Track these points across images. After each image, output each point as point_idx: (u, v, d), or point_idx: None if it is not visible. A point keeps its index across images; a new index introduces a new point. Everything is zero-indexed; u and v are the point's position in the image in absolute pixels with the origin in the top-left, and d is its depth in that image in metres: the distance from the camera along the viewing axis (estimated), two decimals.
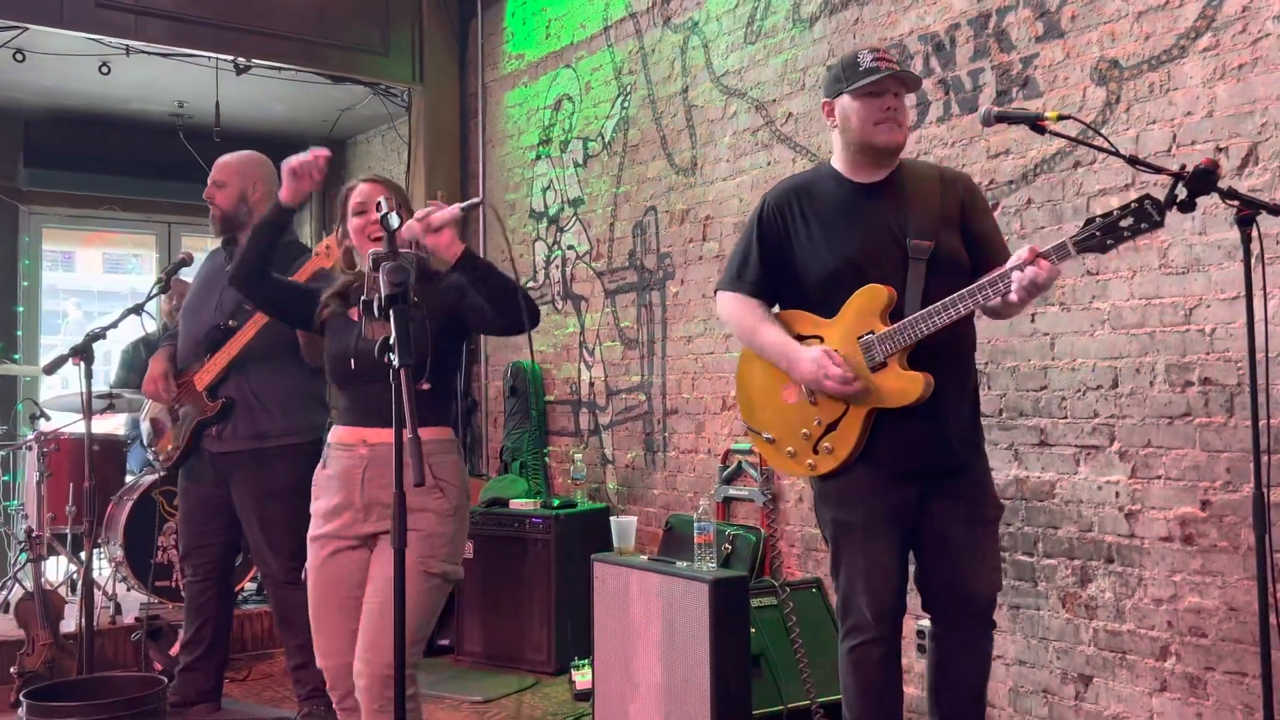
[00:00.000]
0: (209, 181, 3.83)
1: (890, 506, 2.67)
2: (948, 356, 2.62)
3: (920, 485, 2.67)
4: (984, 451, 2.79)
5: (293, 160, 2.65)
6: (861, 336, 2.60)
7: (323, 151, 2.65)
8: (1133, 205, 2.34)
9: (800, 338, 2.71)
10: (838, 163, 2.75)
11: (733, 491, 4.33)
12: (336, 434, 2.67)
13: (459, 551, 2.64)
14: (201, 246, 7.53)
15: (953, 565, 2.71)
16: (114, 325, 3.57)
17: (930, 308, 2.53)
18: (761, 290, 2.80)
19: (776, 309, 2.82)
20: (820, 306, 2.71)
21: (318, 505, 2.66)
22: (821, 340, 2.67)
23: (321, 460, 2.69)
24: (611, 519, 3.96)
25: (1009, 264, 2.46)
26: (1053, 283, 2.44)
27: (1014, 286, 2.43)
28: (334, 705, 2.71)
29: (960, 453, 2.67)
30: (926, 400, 2.56)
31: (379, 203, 2.19)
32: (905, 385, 2.56)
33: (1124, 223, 2.35)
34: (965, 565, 2.70)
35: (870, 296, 2.60)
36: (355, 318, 2.63)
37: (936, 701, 2.84)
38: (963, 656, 2.79)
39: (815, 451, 2.71)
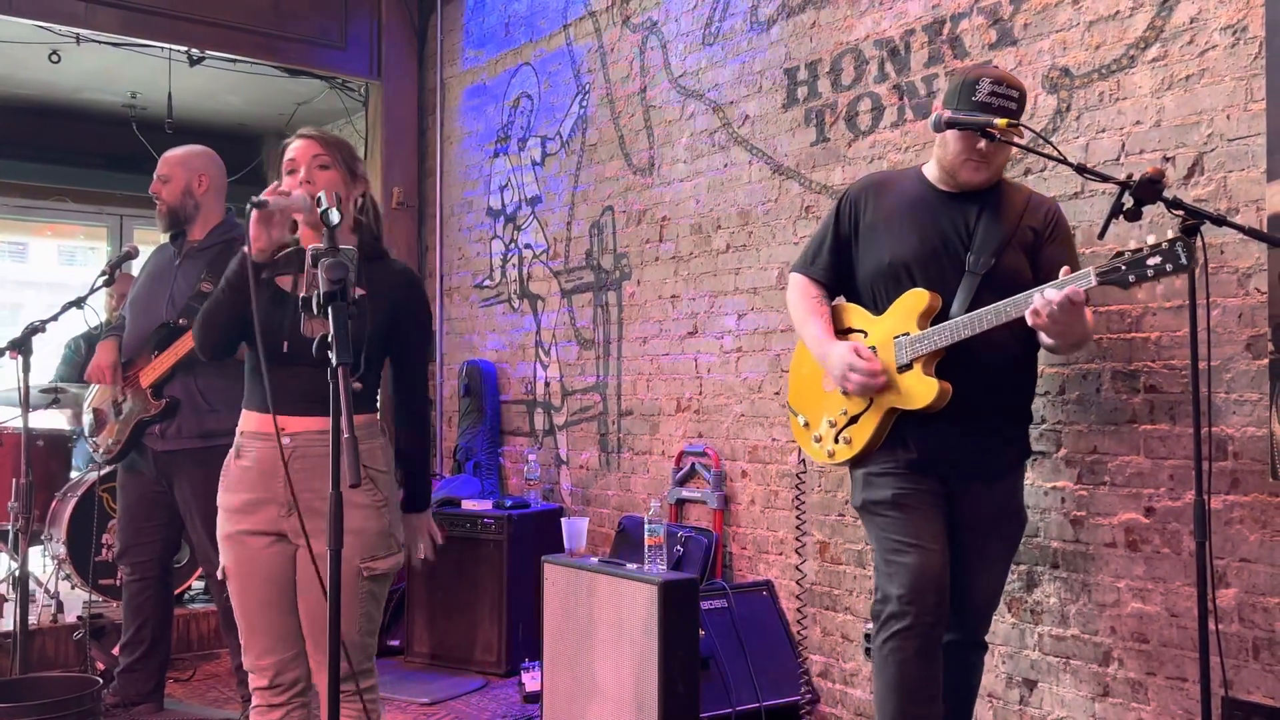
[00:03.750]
0: (154, 176, 3.78)
1: (924, 487, 2.68)
2: (984, 369, 2.64)
3: (947, 480, 2.69)
4: (1022, 461, 2.82)
5: (269, 197, 2.29)
6: (897, 336, 2.67)
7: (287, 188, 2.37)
8: (1163, 245, 2.30)
9: (849, 330, 2.79)
10: (928, 167, 2.81)
11: (686, 493, 4.31)
12: (251, 421, 2.46)
13: (398, 537, 2.48)
14: (154, 239, 7.42)
15: (958, 573, 2.72)
16: (54, 318, 3.50)
17: (959, 318, 2.58)
18: (828, 278, 2.87)
19: (841, 300, 2.88)
20: (871, 302, 2.79)
21: (231, 498, 2.46)
22: (865, 335, 2.74)
23: (234, 450, 2.48)
24: (562, 520, 3.94)
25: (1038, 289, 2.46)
26: (1079, 312, 2.41)
27: (1033, 305, 2.41)
28: (283, 702, 2.47)
29: (983, 464, 2.69)
30: (954, 408, 2.60)
31: (319, 198, 2.14)
32: (921, 390, 2.61)
33: (1151, 261, 2.31)
34: (969, 576, 2.73)
35: (915, 299, 2.66)
36: (287, 287, 2.43)
37: None
38: (953, 666, 2.79)
39: (836, 441, 2.78)
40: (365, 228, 2.55)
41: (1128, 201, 2.40)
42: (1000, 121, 2.53)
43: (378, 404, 2.59)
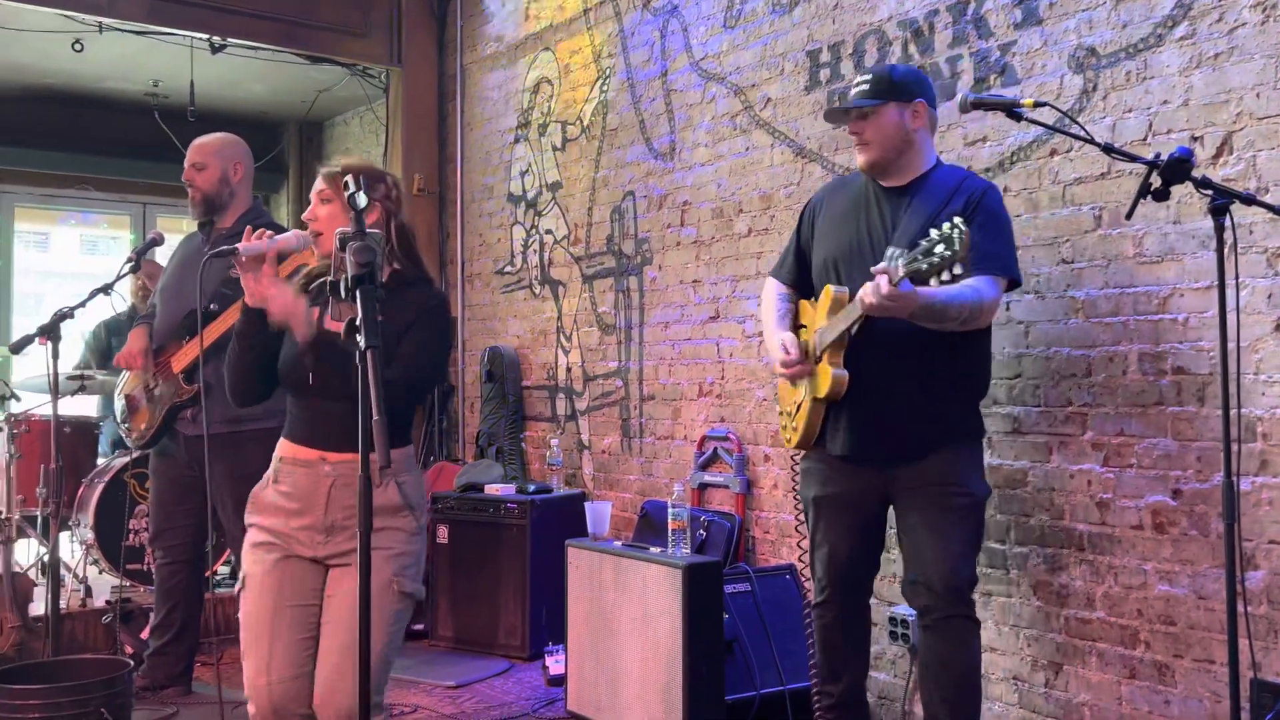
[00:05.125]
0: (187, 164, 3.81)
1: (843, 490, 2.90)
2: (895, 350, 2.74)
3: (880, 470, 2.83)
4: (959, 438, 2.83)
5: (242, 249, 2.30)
6: (817, 330, 2.82)
7: (263, 233, 2.38)
8: (945, 232, 2.35)
9: (802, 326, 2.99)
10: None
11: (708, 478, 4.32)
12: (289, 449, 2.42)
13: (421, 571, 2.47)
14: (177, 228, 7.46)
15: (914, 550, 2.84)
16: (82, 305, 3.53)
17: (843, 311, 2.73)
18: (792, 280, 3.07)
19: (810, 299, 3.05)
20: (815, 298, 2.95)
21: (262, 519, 2.42)
22: (807, 328, 2.93)
23: (270, 476, 2.44)
24: (586, 504, 3.95)
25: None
26: (895, 304, 2.50)
27: (863, 296, 2.56)
28: None
29: (909, 441, 2.78)
30: (864, 393, 2.74)
31: (346, 181, 2.15)
32: (823, 380, 2.79)
33: (937, 249, 2.37)
34: (925, 551, 2.81)
35: (825, 294, 2.82)
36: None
37: (922, 692, 2.91)
38: (936, 646, 2.83)
39: (791, 428, 2.99)
40: (392, 254, 2.46)
41: (1155, 181, 2.39)
42: (1028, 101, 2.52)
43: (410, 433, 2.51)
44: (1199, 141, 2.82)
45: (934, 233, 2.39)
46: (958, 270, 2.35)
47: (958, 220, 2.35)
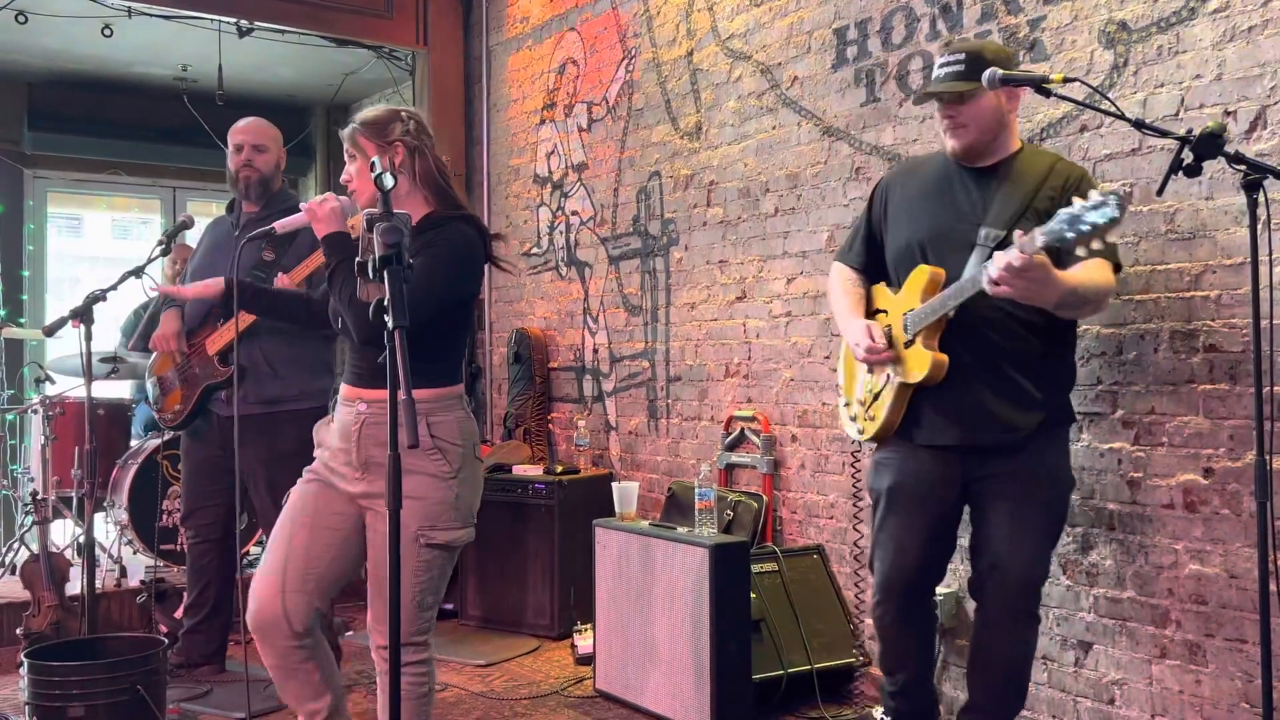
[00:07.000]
0: (245, 146, 3.85)
1: (922, 481, 2.77)
2: (993, 332, 2.64)
3: (966, 460, 2.72)
4: (1052, 424, 2.73)
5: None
6: (905, 313, 2.71)
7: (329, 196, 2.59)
8: (1098, 199, 2.23)
9: (877, 311, 2.86)
10: None
11: (735, 458, 4.32)
12: (342, 389, 2.62)
13: (467, 513, 2.54)
14: (207, 211, 7.52)
15: (990, 544, 2.74)
16: (113, 287, 3.56)
17: (944, 291, 2.61)
18: (862, 264, 2.96)
19: (880, 285, 2.93)
20: (896, 283, 2.84)
21: (321, 452, 2.61)
22: (886, 313, 2.80)
23: (329, 414, 2.66)
24: (613, 484, 3.97)
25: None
26: (1031, 273, 2.39)
27: (989, 275, 2.44)
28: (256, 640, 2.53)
29: (1000, 431, 2.67)
30: (961, 378, 2.63)
31: (373, 162, 2.17)
32: (918, 363, 2.66)
33: (1088, 217, 2.24)
34: (1001, 546, 2.71)
35: (918, 275, 2.70)
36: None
37: (969, 680, 2.89)
38: (996, 640, 2.79)
39: (866, 418, 2.86)
40: (433, 188, 2.54)
41: (1188, 157, 2.36)
42: (1057, 76, 2.49)
43: (457, 372, 2.59)
44: (1232, 116, 2.78)
45: (1077, 201, 2.24)
46: (1096, 246, 2.23)
47: (1113, 186, 2.23)
